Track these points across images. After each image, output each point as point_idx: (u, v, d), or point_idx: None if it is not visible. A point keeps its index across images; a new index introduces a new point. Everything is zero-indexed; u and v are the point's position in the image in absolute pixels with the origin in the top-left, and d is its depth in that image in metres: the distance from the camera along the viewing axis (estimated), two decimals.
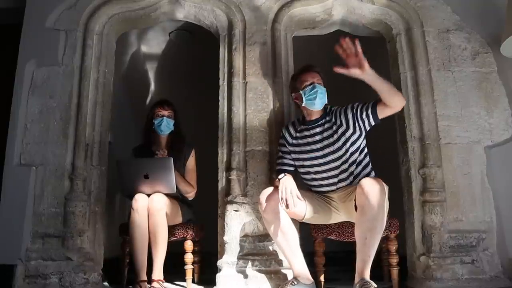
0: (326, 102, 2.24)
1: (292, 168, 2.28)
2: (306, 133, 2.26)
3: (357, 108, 2.18)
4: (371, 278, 1.84)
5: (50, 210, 2.41)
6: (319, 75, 2.27)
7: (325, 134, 2.21)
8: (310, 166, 2.24)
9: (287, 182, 2.03)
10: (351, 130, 2.18)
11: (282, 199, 1.98)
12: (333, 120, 2.22)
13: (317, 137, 2.22)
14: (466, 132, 2.47)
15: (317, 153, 2.22)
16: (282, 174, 2.09)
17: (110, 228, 2.83)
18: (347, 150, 2.17)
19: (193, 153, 2.72)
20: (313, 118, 2.26)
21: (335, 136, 2.19)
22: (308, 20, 2.80)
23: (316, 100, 2.19)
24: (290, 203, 1.97)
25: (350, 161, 2.17)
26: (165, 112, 2.66)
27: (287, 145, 2.31)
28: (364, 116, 2.16)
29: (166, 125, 2.64)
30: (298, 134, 2.28)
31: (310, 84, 2.21)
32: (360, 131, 2.19)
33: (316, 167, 2.23)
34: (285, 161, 2.29)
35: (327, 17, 2.79)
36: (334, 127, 2.20)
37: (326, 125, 2.23)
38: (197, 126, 3.40)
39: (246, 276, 2.28)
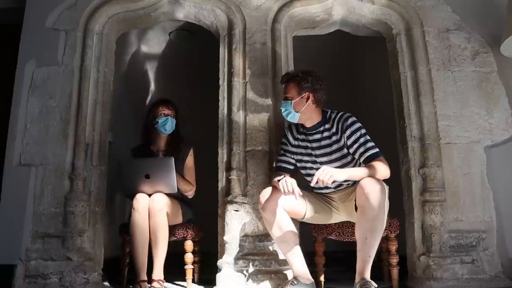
0: (292, 120, 2.20)
1: (291, 167, 2.28)
2: (305, 137, 2.25)
3: (355, 150, 2.11)
4: (371, 278, 1.84)
5: (50, 210, 2.41)
6: (295, 85, 2.18)
7: (323, 143, 2.20)
8: (310, 169, 2.25)
9: (286, 179, 2.01)
10: (345, 151, 2.16)
11: (286, 192, 1.95)
12: (333, 130, 2.18)
13: (315, 144, 2.21)
14: (466, 132, 2.48)
15: (315, 158, 2.22)
16: (281, 177, 2.08)
17: (110, 228, 2.82)
18: (343, 161, 2.16)
19: (191, 152, 2.71)
20: (311, 124, 2.23)
21: (334, 147, 2.17)
22: (308, 20, 2.80)
23: (288, 118, 2.20)
24: (296, 192, 1.95)
25: (348, 167, 2.16)
26: (169, 111, 2.66)
27: (289, 145, 2.30)
28: (356, 156, 2.12)
29: (170, 124, 2.63)
30: (299, 136, 2.28)
31: (285, 100, 2.20)
32: (353, 156, 2.17)
33: (316, 170, 2.22)
34: (286, 159, 2.29)
35: (327, 17, 2.79)
36: (334, 138, 2.17)
37: (325, 133, 2.20)
38: (197, 126, 3.40)
39: (246, 276, 2.28)
